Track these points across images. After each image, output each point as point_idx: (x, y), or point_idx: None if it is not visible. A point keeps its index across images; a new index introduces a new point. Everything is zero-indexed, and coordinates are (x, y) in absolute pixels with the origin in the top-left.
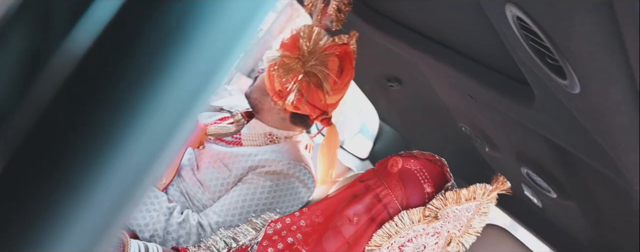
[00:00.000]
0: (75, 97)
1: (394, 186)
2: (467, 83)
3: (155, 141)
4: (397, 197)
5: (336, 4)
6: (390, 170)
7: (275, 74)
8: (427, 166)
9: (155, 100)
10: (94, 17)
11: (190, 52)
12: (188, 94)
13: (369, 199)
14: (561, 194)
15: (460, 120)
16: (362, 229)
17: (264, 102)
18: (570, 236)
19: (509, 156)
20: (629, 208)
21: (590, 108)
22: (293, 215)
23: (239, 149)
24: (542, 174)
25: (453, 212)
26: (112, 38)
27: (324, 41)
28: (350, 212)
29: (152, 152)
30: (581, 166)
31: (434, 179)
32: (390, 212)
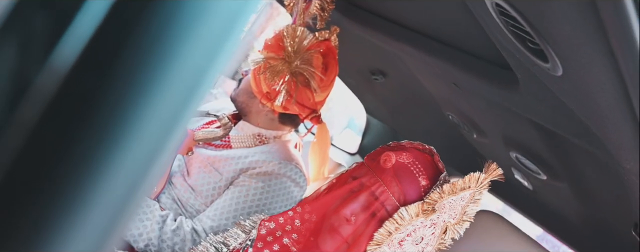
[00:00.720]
0: (63, 116)
1: (390, 182)
2: (450, 71)
3: (147, 153)
4: (394, 194)
5: (319, 3)
6: (384, 166)
7: (262, 76)
8: (419, 157)
9: (143, 112)
10: (77, 32)
11: (176, 62)
12: (177, 104)
13: (365, 198)
14: (551, 176)
15: (447, 108)
16: (361, 228)
17: (251, 104)
18: (563, 216)
19: (497, 141)
20: (618, 185)
21: (574, 89)
22: (286, 214)
23: (229, 152)
24: (530, 157)
25: (449, 202)
26: (97, 52)
27: (308, 40)
28: (347, 212)
29: (144, 164)
30: (569, 146)
31: (427, 170)
32: (388, 209)
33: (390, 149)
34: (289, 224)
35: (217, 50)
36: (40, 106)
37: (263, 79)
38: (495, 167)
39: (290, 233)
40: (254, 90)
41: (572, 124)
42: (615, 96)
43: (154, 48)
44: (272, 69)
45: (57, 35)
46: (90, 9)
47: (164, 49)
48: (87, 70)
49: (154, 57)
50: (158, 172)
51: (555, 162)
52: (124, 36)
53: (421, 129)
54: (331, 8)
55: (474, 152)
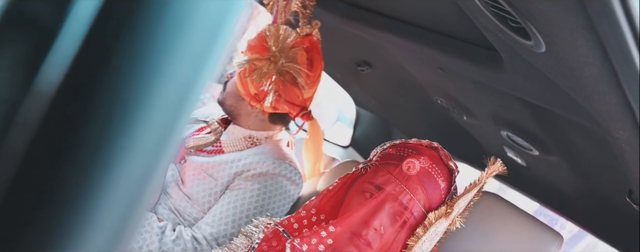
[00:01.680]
0: (52, 140)
1: (415, 189)
2: (435, 56)
3: (141, 170)
4: (420, 201)
5: (300, 0)
6: (408, 173)
7: (248, 79)
8: (433, 158)
9: (134, 131)
10: (59, 54)
11: (162, 78)
12: (167, 118)
13: (394, 208)
14: (543, 151)
15: (435, 93)
16: (391, 238)
17: (240, 107)
18: (558, 190)
19: (487, 121)
20: (609, 154)
21: (558, 64)
22: (318, 234)
23: (221, 157)
24: (521, 134)
25: (462, 200)
26: (81, 73)
27: (291, 38)
28: (376, 223)
29: (140, 182)
30: (558, 120)
31: (442, 172)
32: (416, 216)
33: (408, 153)
34: (322, 242)
35: (204, 61)
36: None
37: (250, 81)
38: (498, 162)
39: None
40: (242, 93)
41: (559, 98)
42: (599, 68)
43: (139, 65)
44: (259, 71)
45: (39, 59)
46: (71, 29)
47: (149, 65)
48: (72, 93)
49: (139, 74)
50: (154, 187)
51: (546, 137)
52: (107, 54)
53: (411, 116)
54: (312, 4)
55: (465, 134)
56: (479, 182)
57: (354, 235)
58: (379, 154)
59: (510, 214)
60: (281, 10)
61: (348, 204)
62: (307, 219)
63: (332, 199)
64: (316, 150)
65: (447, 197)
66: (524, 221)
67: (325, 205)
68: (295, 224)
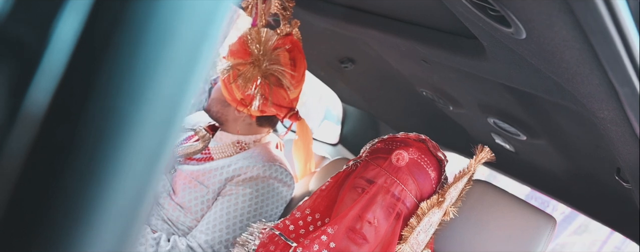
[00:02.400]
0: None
1: (406, 180)
2: (418, 49)
3: (135, 189)
4: (412, 191)
5: (279, 2)
6: (398, 164)
7: (233, 84)
8: (421, 149)
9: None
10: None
11: (151, 90)
12: (158, 132)
13: (387, 200)
14: (530, 135)
15: (420, 85)
16: (387, 230)
17: (227, 113)
18: (548, 172)
19: (473, 109)
20: (596, 134)
21: (539, 49)
22: (319, 239)
23: (211, 164)
24: (508, 120)
25: (454, 189)
26: (67, 96)
27: (273, 40)
28: (369, 216)
29: (133, 203)
30: (543, 104)
31: (432, 162)
32: (408, 206)
33: (396, 146)
34: (325, 247)
35: (191, 73)
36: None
37: (235, 86)
38: (486, 150)
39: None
40: (227, 99)
41: (542, 83)
42: (580, 50)
43: (126, 81)
44: (243, 76)
45: (25, 82)
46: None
47: (136, 80)
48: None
49: (127, 91)
50: (149, 207)
51: (532, 122)
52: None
53: (398, 110)
54: (292, 5)
55: (453, 124)
56: (468, 170)
57: (349, 230)
58: (368, 149)
59: (502, 200)
60: (261, 13)
61: (341, 201)
62: (302, 220)
63: (325, 198)
64: (306, 150)
65: (438, 186)
66: (516, 206)
67: (319, 204)
68: (291, 226)
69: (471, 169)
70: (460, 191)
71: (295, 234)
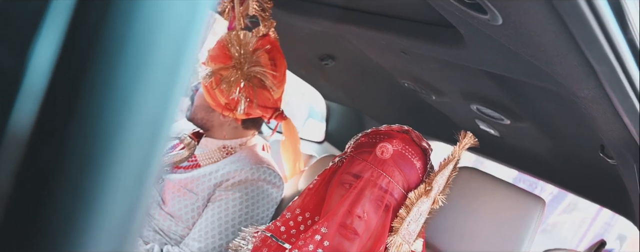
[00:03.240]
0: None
1: (392, 172)
2: (397, 41)
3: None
4: (399, 182)
5: (257, 4)
6: (382, 157)
7: (216, 89)
8: (405, 140)
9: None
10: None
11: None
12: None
13: (374, 193)
14: (513, 119)
15: (401, 77)
16: (378, 222)
17: (212, 119)
18: (533, 154)
19: (455, 97)
20: (577, 113)
21: (516, 34)
22: (313, 239)
23: (199, 171)
24: (490, 106)
25: (440, 176)
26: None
27: (252, 43)
28: (359, 211)
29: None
30: (524, 87)
31: (416, 152)
32: (397, 197)
33: (380, 138)
34: (320, 247)
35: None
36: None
37: (218, 91)
38: (469, 136)
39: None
40: (211, 105)
41: (522, 67)
42: (556, 33)
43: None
44: (226, 80)
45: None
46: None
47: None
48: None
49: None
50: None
51: (515, 105)
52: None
53: (381, 103)
54: (270, 6)
55: (436, 113)
56: (453, 157)
57: (340, 227)
58: (352, 145)
59: (489, 185)
60: (239, 16)
61: (330, 198)
62: (293, 220)
63: (314, 196)
64: (294, 149)
65: (425, 175)
66: (504, 190)
67: (308, 203)
68: (282, 227)
69: (456, 155)
70: (447, 179)
71: (286, 235)
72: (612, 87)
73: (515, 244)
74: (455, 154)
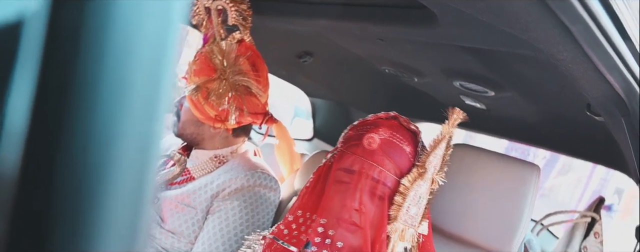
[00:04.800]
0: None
1: (382, 161)
2: (371, 29)
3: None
4: (390, 170)
5: (236, 13)
6: (370, 148)
7: (204, 103)
8: (393, 127)
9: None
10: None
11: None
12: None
13: (368, 185)
14: (497, 90)
15: (381, 64)
16: (375, 212)
17: (203, 132)
18: (522, 122)
19: (437, 76)
20: (559, 76)
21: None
22: (316, 231)
23: (194, 184)
24: (472, 80)
25: (433, 157)
26: (36, 158)
27: (233, 51)
28: (355, 204)
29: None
30: (503, 57)
31: (405, 137)
32: (390, 185)
33: (366, 130)
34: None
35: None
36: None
37: (207, 104)
38: (457, 111)
39: None
40: (200, 119)
41: (497, 37)
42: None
43: (90, 135)
44: (215, 92)
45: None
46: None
47: (100, 132)
48: (32, 183)
49: (94, 145)
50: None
51: (496, 76)
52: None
53: (364, 92)
54: (250, 14)
55: (421, 95)
56: (443, 135)
57: (341, 221)
58: (341, 139)
59: (483, 158)
60: (218, 27)
61: (327, 196)
62: (295, 222)
63: (312, 194)
64: (289, 151)
65: (416, 159)
66: (498, 161)
67: (307, 202)
68: (286, 230)
69: (446, 133)
70: (442, 157)
71: (289, 237)
72: (589, 46)
73: (516, 214)
74: (444, 132)
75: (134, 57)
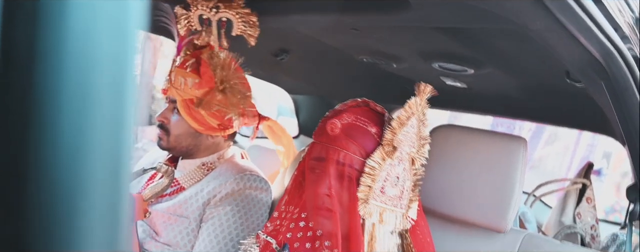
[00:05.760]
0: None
1: (345, 144)
2: (344, 19)
3: None
4: (355, 152)
5: (242, 24)
6: (333, 133)
7: (204, 114)
8: (358, 111)
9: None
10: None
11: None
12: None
13: (333, 169)
14: (476, 67)
15: (358, 53)
16: (345, 195)
17: (200, 143)
18: (504, 96)
19: (415, 60)
20: (536, 46)
21: None
22: (298, 225)
23: (184, 194)
24: (450, 60)
25: (403, 135)
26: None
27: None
28: (326, 190)
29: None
30: (478, 34)
31: (371, 119)
32: (357, 167)
33: (332, 117)
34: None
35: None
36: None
37: (209, 115)
38: (423, 85)
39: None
40: (200, 130)
41: (469, 14)
42: None
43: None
44: (222, 105)
45: None
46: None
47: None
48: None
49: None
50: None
51: (474, 53)
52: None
53: (344, 84)
54: (257, 23)
55: (401, 80)
56: (411, 112)
57: (316, 209)
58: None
59: (469, 137)
60: (221, 39)
61: (305, 187)
62: (281, 219)
63: (296, 188)
64: (284, 135)
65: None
66: (484, 138)
67: (292, 198)
68: (270, 226)
69: (413, 110)
70: (418, 135)
71: (275, 232)
72: (561, 12)
73: (508, 188)
74: (412, 109)
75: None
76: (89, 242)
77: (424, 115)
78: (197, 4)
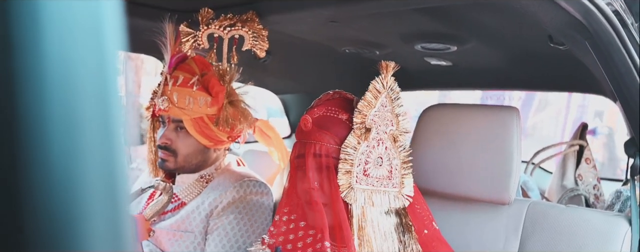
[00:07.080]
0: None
1: (319, 136)
2: (320, 13)
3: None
4: (329, 142)
5: (253, 38)
6: (306, 129)
7: (215, 129)
8: (329, 103)
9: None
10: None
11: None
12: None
13: (312, 163)
14: (458, 43)
15: (340, 45)
16: (327, 186)
17: (207, 157)
18: (490, 68)
19: (397, 45)
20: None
21: None
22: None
23: (186, 209)
24: (432, 39)
25: (374, 115)
26: None
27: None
28: (307, 184)
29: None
30: (456, 10)
31: (342, 107)
32: (335, 156)
33: (305, 114)
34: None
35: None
36: None
37: (219, 130)
38: (386, 63)
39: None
40: (209, 145)
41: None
42: None
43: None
44: (232, 119)
45: None
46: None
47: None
48: None
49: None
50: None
51: (454, 30)
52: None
53: (330, 77)
54: (266, 35)
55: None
56: (373, 90)
57: (307, 203)
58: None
59: (460, 113)
60: (233, 54)
61: (294, 186)
62: (282, 222)
63: (294, 189)
64: (274, 135)
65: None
66: (475, 113)
67: (291, 199)
68: (274, 230)
69: (379, 88)
70: (393, 113)
71: (278, 235)
72: None
73: (507, 159)
74: (372, 89)
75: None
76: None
77: (395, 93)
78: (213, 24)
